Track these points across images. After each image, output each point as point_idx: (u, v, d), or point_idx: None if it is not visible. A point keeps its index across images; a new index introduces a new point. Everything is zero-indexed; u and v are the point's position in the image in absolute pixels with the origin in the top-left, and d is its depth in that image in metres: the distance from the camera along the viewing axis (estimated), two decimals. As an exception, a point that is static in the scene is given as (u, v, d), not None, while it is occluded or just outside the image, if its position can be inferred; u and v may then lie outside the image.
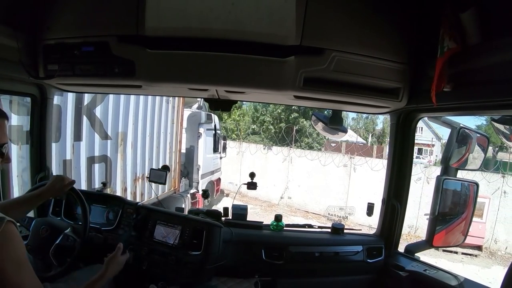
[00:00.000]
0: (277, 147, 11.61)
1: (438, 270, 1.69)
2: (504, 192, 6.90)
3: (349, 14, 1.29)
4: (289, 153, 10.94)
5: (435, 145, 18.90)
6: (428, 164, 10.07)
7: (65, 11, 1.38)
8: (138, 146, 5.10)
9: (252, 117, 18.05)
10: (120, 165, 4.68)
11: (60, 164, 3.70)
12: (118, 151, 4.63)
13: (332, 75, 1.33)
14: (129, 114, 4.78)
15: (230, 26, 1.21)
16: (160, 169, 2.04)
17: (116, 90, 2.12)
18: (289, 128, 13.30)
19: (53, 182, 1.48)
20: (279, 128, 14.92)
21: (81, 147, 4.00)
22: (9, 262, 0.90)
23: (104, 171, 4.38)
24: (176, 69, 1.34)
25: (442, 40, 1.14)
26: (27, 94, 1.81)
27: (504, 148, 10.46)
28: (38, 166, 1.95)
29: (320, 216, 9.83)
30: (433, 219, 1.66)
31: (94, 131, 4.22)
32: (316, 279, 1.90)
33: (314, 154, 10.88)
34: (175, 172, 6.48)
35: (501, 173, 7.60)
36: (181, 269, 1.65)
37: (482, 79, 1.13)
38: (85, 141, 4.05)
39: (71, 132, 3.82)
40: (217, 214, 1.98)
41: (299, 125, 15.12)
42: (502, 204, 6.30)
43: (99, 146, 4.30)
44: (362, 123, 23.91)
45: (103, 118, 4.32)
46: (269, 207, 10.34)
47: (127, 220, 1.89)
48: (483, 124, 15.11)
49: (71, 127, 3.83)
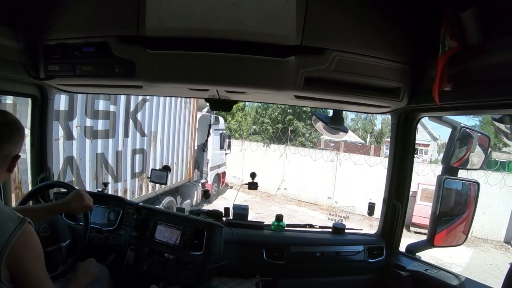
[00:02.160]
0: (275, 145, 13.16)
1: (440, 270, 1.68)
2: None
3: (349, 14, 1.29)
4: (285, 150, 12.48)
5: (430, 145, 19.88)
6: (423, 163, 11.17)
7: (65, 12, 1.38)
8: (164, 142, 6.52)
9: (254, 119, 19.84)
10: (152, 156, 6.13)
11: (114, 154, 5.05)
12: (151, 146, 6.06)
13: (332, 75, 1.33)
14: (158, 118, 6.24)
15: (231, 26, 1.21)
16: (161, 169, 2.03)
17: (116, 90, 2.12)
18: (285, 128, 15.32)
19: (69, 199, 1.45)
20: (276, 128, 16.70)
21: (128, 142, 5.41)
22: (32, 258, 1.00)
23: (141, 160, 5.76)
24: (176, 69, 1.34)
25: (443, 40, 1.14)
26: (27, 94, 1.80)
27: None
28: (39, 167, 1.96)
29: (311, 204, 11.43)
30: (434, 218, 1.66)
31: (136, 130, 5.61)
32: (317, 279, 1.90)
33: (306, 151, 12.36)
34: (190, 164, 7.86)
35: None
36: (182, 269, 1.65)
37: (483, 78, 1.13)
38: (130, 138, 5.46)
39: (122, 131, 5.19)
40: (218, 214, 1.98)
41: (293, 126, 17.05)
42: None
43: (139, 142, 5.72)
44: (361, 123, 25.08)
45: (142, 121, 5.74)
46: (268, 197, 11.90)
47: (128, 220, 1.89)
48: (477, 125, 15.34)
49: (122, 127, 5.18)
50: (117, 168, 5.17)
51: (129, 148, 5.43)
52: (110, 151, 4.97)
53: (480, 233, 8.71)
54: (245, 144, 13.36)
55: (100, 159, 4.80)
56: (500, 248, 8.53)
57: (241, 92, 1.53)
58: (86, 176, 4.54)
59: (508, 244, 8.73)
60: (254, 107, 20.22)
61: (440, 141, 19.85)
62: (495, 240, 8.71)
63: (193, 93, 1.72)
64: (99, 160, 4.76)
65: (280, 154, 12.40)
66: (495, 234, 8.74)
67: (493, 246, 8.51)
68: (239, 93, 1.56)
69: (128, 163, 5.40)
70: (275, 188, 12.23)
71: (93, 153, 4.63)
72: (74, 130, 4.27)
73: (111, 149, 4.97)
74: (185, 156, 7.58)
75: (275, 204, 11.48)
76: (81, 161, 4.40)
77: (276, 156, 12.37)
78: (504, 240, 8.83)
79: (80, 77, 1.45)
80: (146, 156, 5.89)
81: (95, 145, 4.66)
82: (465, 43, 1.13)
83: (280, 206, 11.14)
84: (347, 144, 15.07)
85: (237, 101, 1.82)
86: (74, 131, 4.28)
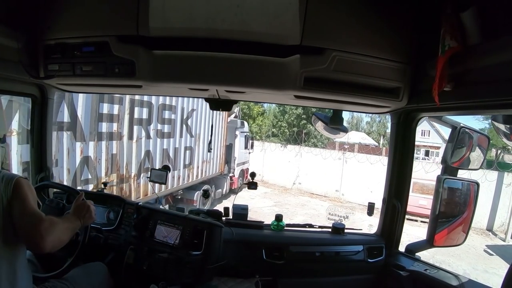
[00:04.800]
0: (291, 146, 15.48)
1: (439, 270, 1.68)
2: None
3: (349, 14, 1.29)
4: (299, 150, 14.58)
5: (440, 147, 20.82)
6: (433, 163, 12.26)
7: (65, 12, 1.38)
8: (205, 142, 8.31)
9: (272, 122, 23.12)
10: (197, 153, 8.03)
11: (173, 150, 6.93)
12: (196, 145, 7.94)
13: (332, 74, 1.33)
14: (201, 123, 8.07)
15: (236, 27, 1.21)
16: (160, 169, 2.03)
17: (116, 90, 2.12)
18: (300, 131, 18.26)
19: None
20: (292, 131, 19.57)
21: (182, 141, 7.26)
22: (33, 198, 1.22)
23: (189, 155, 7.66)
24: (176, 69, 1.35)
25: (443, 39, 1.14)
26: (27, 94, 1.80)
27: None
28: (39, 167, 1.95)
29: (322, 196, 13.31)
30: (433, 218, 1.66)
31: (187, 132, 7.48)
32: (316, 279, 1.90)
33: (318, 150, 14.60)
34: (221, 160, 9.75)
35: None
36: (182, 269, 1.65)
37: (482, 78, 1.13)
38: (183, 138, 7.34)
39: (179, 132, 7.09)
40: (217, 214, 1.98)
41: (306, 129, 19.95)
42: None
43: (188, 141, 7.58)
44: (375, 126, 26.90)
45: (191, 125, 7.62)
46: (285, 190, 14.01)
47: (128, 220, 1.89)
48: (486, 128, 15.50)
49: (179, 130, 7.08)
50: (174, 160, 7.01)
51: (182, 145, 7.30)
52: (171, 147, 6.85)
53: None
54: (265, 144, 15.81)
55: (165, 153, 6.65)
56: (481, 234, 10.00)
57: (241, 92, 1.53)
58: (157, 165, 6.20)
59: (489, 231, 10.22)
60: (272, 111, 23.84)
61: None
62: (478, 227, 10.02)
63: (193, 93, 1.72)
64: (164, 153, 6.63)
65: (295, 153, 14.46)
66: (478, 223, 9.98)
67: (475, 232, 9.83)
68: (239, 93, 1.56)
69: (181, 157, 7.31)
70: (291, 182, 14.25)
71: (161, 148, 6.47)
72: (151, 132, 6.09)
73: (171, 146, 6.87)
74: (218, 154, 9.49)
75: (290, 196, 13.37)
76: (154, 154, 6.26)
77: (292, 155, 14.46)
78: (486, 228, 10.30)
79: (80, 76, 1.45)
80: (192, 152, 7.78)
81: (162, 143, 6.51)
82: (465, 43, 1.12)
83: (295, 197, 13.08)
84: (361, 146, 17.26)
85: (237, 101, 1.82)
86: (151, 133, 6.10)
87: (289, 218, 9.72)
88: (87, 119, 4.50)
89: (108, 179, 4.89)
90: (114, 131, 5.07)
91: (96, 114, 4.66)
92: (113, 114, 4.96)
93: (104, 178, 4.85)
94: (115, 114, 4.99)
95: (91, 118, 4.57)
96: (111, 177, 5.05)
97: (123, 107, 5.20)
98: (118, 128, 5.15)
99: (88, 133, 4.58)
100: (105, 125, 4.87)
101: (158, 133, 6.31)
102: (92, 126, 4.64)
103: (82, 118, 4.42)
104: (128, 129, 5.40)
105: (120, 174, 5.27)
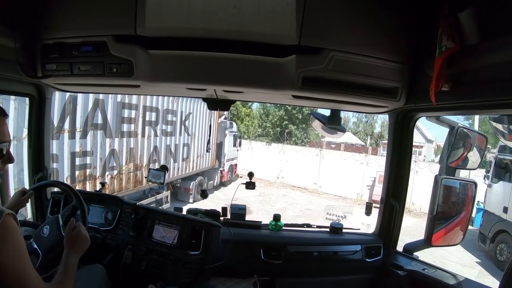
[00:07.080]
0: (275, 144, 17.37)
1: (437, 269, 1.69)
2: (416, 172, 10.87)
3: (347, 14, 1.29)
4: (282, 148, 16.38)
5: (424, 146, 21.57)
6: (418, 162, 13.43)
7: (63, 11, 1.38)
8: (199, 140, 9.90)
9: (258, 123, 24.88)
10: (192, 148, 9.57)
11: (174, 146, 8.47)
12: (192, 142, 9.50)
13: (330, 74, 1.33)
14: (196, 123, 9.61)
15: (233, 27, 1.21)
16: (158, 169, 2.02)
17: (114, 90, 2.11)
18: (282, 131, 20.99)
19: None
20: (276, 131, 22.08)
21: (181, 139, 8.81)
22: (8, 254, 0.91)
23: (187, 150, 9.22)
24: (174, 69, 1.34)
25: (440, 40, 1.14)
26: (25, 94, 1.80)
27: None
28: (37, 166, 1.95)
29: (301, 188, 14.85)
30: (431, 218, 1.67)
31: (185, 132, 9.04)
32: (314, 279, 1.90)
33: (298, 148, 16.85)
34: (213, 155, 11.32)
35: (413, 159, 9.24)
36: (180, 269, 1.65)
37: (480, 78, 1.13)
38: (182, 136, 8.88)
39: (178, 132, 8.62)
40: (215, 214, 1.98)
41: (288, 129, 22.59)
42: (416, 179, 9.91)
43: (186, 139, 9.15)
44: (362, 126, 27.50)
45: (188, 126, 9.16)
46: (269, 184, 15.33)
47: (126, 220, 1.88)
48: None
49: (178, 130, 8.62)
50: (175, 154, 8.56)
51: (181, 142, 8.86)
52: (172, 144, 8.38)
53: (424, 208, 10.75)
54: (252, 143, 17.58)
55: (168, 148, 8.19)
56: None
57: (238, 92, 1.53)
58: (162, 158, 7.89)
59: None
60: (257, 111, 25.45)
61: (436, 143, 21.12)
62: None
63: (191, 93, 1.71)
64: (167, 149, 8.17)
65: (278, 150, 16.09)
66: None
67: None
68: (236, 93, 1.56)
69: (180, 152, 8.88)
70: (275, 177, 15.65)
71: (165, 144, 8.04)
72: (158, 131, 7.63)
73: (173, 143, 8.42)
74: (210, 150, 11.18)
75: (274, 188, 14.73)
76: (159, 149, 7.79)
77: (275, 152, 16.02)
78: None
79: (77, 76, 1.44)
80: (189, 148, 9.39)
81: (166, 140, 8.07)
82: (462, 44, 1.13)
83: (278, 189, 14.53)
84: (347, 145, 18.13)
85: (235, 101, 1.82)
86: (158, 132, 7.63)
87: (271, 205, 11.36)
88: (113, 121, 6.12)
89: (127, 167, 6.61)
90: (131, 130, 6.72)
91: (120, 117, 6.32)
92: (131, 117, 6.65)
93: (125, 167, 6.53)
94: (132, 117, 6.70)
95: (116, 120, 6.22)
96: (129, 166, 6.69)
97: (138, 112, 6.81)
98: (134, 128, 6.78)
99: (114, 132, 6.19)
100: (126, 126, 6.51)
101: (163, 132, 7.92)
102: (117, 126, 6.26)
103: (110, 121, 6.04)
104: (142, 128, 7.03)
105: (135, 163, 6.90)
